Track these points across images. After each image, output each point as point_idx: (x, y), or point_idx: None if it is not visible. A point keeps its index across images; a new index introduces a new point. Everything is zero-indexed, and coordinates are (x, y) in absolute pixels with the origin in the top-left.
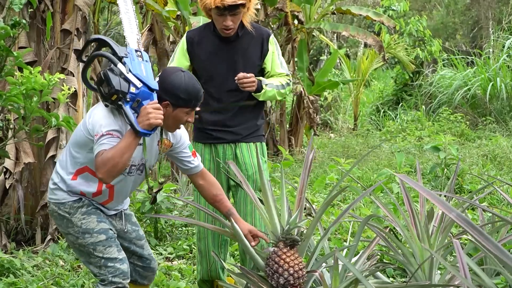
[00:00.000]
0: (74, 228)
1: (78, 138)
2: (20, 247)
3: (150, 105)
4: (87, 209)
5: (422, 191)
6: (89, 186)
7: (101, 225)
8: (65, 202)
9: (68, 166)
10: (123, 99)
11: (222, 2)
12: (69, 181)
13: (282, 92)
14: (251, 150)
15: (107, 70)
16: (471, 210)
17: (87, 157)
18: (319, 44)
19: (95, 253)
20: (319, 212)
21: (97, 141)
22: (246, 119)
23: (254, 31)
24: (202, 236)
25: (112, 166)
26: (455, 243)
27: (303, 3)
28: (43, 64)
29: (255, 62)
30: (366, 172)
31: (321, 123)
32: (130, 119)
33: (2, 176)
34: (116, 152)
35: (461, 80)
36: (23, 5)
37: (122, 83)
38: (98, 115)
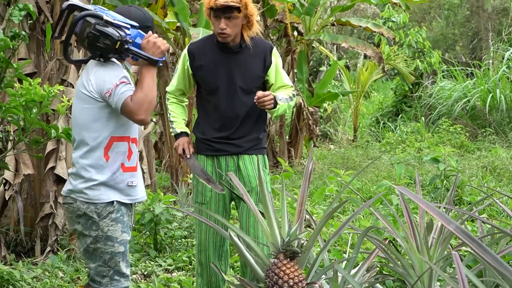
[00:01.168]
0: (98, 232)
1: (89, 115)
2: (20, 258)
3: (151, 37)
4: (116, 216)
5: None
6: (124, 153)
7: (123, 236)
8: (97, 202)
9: (95, 152)
10: (126, 42)
11: (215, 2)
12: (105, 163)
13: (291, 104)
14: (254, 162)
15: (97, 25)
16: (471, 221)
17: (108, 126)
18: (318, 56)
19: (109, 262)
20: (319, 224)
21: (114, 93)
22: (248, 131)
23: (257, 44)
24: (202, 248)
25: (148, 103)
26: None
27: (303, 14)
28: (43, 75)
29: (257, 74)
30: (366, 184)
31: (321, 134)
32: (145, 54)
33: (1, 187)
34: (146, 89)
35: (461, 91)
36: (22, 17)
37: (118, 30)
38: (98, 75)
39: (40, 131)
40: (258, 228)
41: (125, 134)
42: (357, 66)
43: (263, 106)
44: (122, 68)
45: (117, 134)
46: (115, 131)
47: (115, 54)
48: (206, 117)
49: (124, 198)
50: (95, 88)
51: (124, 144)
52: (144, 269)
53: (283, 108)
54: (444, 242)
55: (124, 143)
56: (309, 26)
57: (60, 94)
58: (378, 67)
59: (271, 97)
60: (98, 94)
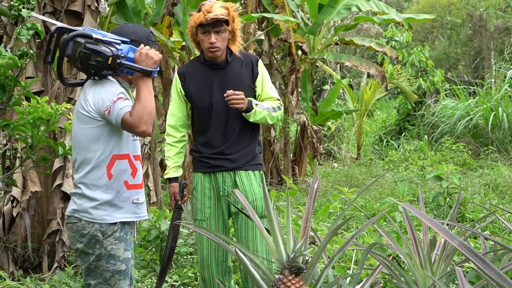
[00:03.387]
0: (101, 251)
1: (89, 136)
2: (27, 274)
3: (143, 50)
4: (120, 234)
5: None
6: (125, 171)
7: (126, 254)
8: (102, 222)
9: (98, 172)
10: (118, 57)
11: (205, 17)
12: (108, 182)
13: (274, 115)
14: (251, 178)
15: (86, 44)
16: (473, 238)
17: (109, 145)
18: (322, 74)
19: (109, 280)
20: (324, 241)
21: (113, 110)
22: (243, 146)
23: (243, 57)
24: (205, 264)
25: (148, 114)
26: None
27: (307, 34)
28: (50, 94)
29: (248, 85)
30: (369, 201)
31: (325, 152)
32: (138, 66)
33: (9, 204)
34: (144, 101)
35: (463, 110)
36: (30, 36)
37: (108, 47)
38: (95, 94)
39: (47, 148)
40: (257, 243)
41: (126, 151)
42: (361, 85)
43: (232, 104)
44: (118, 85)
45: (118, 152)
46: (116, 149)
47: (108, 71)
48: (201, 135)
49: (129, 217)
50: (94, 107)
51: (125, 162)
52: (150, 285)
53: (261, 115)
54: (447, 258)
55: (124, 161)
56: (313, 45)
57: (67, 112)
58: (381, 86)
59: (241, 97)
60: (97, 113)
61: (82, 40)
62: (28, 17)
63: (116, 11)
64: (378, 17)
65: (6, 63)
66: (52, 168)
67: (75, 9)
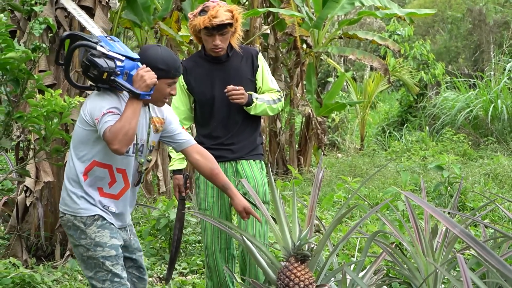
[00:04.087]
0: (87, 240)
1: (80, 135)
2: (40, 262)
3: (140, 70)
4: (102, 223)
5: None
6: (103, 179)
7: (113, 241)
8: (81, 215)
9: (76, 169)
10: (113, 74)
11: (210, 22)
12: (83, 182)
13: (274, 107)
14: (252, 166)
15: (89, 55)
16: (474, 226)
17: (92, 150)
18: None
19: (104, 267)
20: (329, 229)
21: (100, 121)
22: (244, 137)
23: (243, 51)
24: (210, 252)
25: (123, 134)
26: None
27: (312, 28)
28: (63, 87)
29: (248, 78)
30: (373, 191)
31: (329, 143)
32: (128, 87)
33: (23, 194)
34: (124, 121)
35: (464, 102)
36: (43, 30)
37: (108, 61)
38: (92, 102)
39: (60, 140)
40: (256, 228)
41: (109, 162)
42: (364, 78)
43: (232, 99)
44: (116, 99)
45: (99, 160)
46: (98, 156)
47: (104, 84)
48: (203, 127)
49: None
50: (88, 113)
51: (104, 171)
52: (160, 273)
53: (261, 107)
54: (449, 246)
55: (104, 170)
56: (317, 39)
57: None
58: (384, 79)
59: (242, 92)
60: (90, 119)
61: (88, 50)
62: (40, 12)
63: (126, 6)
64: (380, 12)
65: (20, 56)
66: (64, 159)
67: (86, 5)
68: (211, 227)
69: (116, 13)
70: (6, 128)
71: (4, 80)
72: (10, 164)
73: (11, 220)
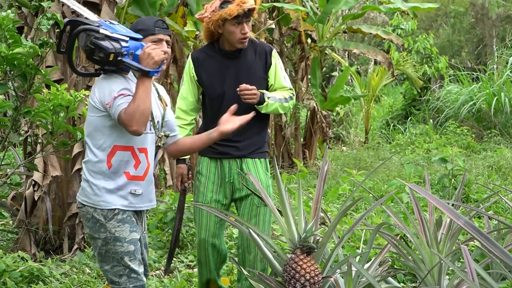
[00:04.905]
0: (106, 234)
1: (93, 124)
2: (49, 255)
3: (147, 48)
4: (122, 217)
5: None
6: (127, 162)
7: (133, 235)
8: (101, 208)
9: (98, 159)
10: (120, 54)
11: (242, 8)
12: (107, 171)
13: (285, 105)
14: (257, 165)
15: (92, 38)
16: (477, 218)
17: (111, 136)
18: (331, 62)
19: (122, 262)
20: (334, 221)
21: (112, 105)
22: (252, 135)
23: (257, 46)
24: (202, 247)
25: (140, 114)
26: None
27: (316, 22)
28: (69, 81)
29: (260, 75)
30: (377, 183)
31: (334, 136)
32: (136, 65)
33: (31, 188)
34: (138, 101)
35: (467, 95)
36: (50, 26)
37: (112, 43)
38: (100, 87)
39: (67, 134)
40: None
41: (129, 143)
42: (368, 72)
43: (244, 99)
44: (123, 80)
45: (120, 143)
46: (118, 140)
47: (111, 66)
48: (210, 121)
49: (125, 205)
50: (98, 99)
51: (127, 153)
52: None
53: (273, 106)
54: (453, 237)
55: (127, 152)
56: (322, 33)
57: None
58: (388, 72)
59: (254, 92)
60: (100, 105)
61: (90, 34)
62: (48, 7)
63: (132, 2)
64: (384, 6)
65: (27, 52)
66: (71, 153)
67: (93, 0)
68: (206, 223)
69: (122, 9)
70: (14, 123)
71: (11, 76)
72: (18, 158)
73: (19, 214)
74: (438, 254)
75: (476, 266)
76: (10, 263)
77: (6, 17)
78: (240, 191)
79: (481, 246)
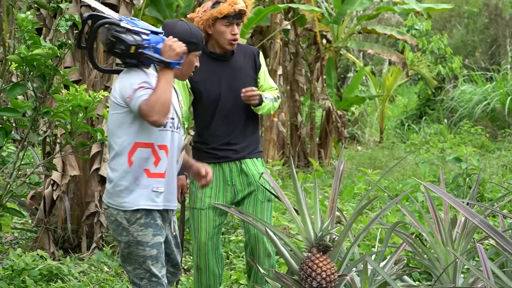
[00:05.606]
0: (129, 237)
1: (115, 121)
2: (67, 254)
3: (168, 41)
4: (145, 221)
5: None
6: (147, 159)
7: (156, 239)
8: (125, 210)
9: (120, 157)
10: (141, 47)
11: (233, 8)
12: (129, 168)
13: (275, 105)
14: (256, 164)
15: (113, 32)
16: (492, 217)
17: (131, 133)
18: (346, 62)
19: (143, 266)
20: (350, 220)
21: (133, 97)
22: (247, 136)
23: (245, 49)
24: (202, 253)
25: (161, 105)
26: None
27: (331, 23)
28: (88, 82)
29: (252, 76)
30: (392, 182)
31: (349, 136)
32: (158, 57)
33: (50, 188)
34: (159, 92)
35: (481, 95)
36: (68, 27)
37: (133, 35)
38: (120, 82)
39: (85, 134)
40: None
41: (150, 140)
42: (383, 72)
43: (248, 101)
44: (144, 74)
45: (140, 140)
46: (139, 137)
47: (132, 59)
48: (206, 125)
49: (148, 205)
50: (119, 94)
51: (147, 150)
52: (184, 264)
53: (267, 107)
54: (468, 236)
55: (147, 149)
56: (337, 34)
57: (104, 99)
58: (402, 72)
59: (257, 93)
60: (121, 99)
61: (111, 28)
62: (66, 9)
63: (150, 3)
64: (398, 7)
65: (46, 53)
66: (90, 153)
67: (111, 2)
68: (206, 228)
69: (140, 10)
70: (33, 123)
71: (31, 76)
72: (37, 158)
73: (38, 213)
74: (453, 252)
75: (491, 265)
76: (29, 262)
77: (26, 19)
78: (242, 191)
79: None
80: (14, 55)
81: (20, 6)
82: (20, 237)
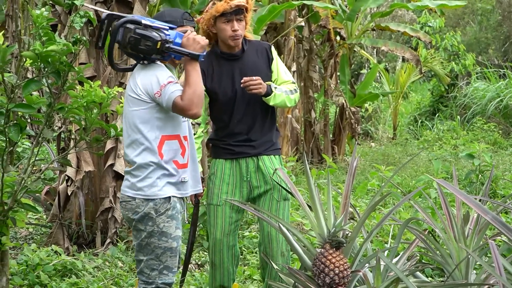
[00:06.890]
0: (154, 227)
1: (140, 117)
2: (82, 249)
3: (190, 34)
4: (172, 213)
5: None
6: (176, 151)
7: (177, 232)
8: (155, 199)
9: (150, 151)
10: (166, 42)
11: (228, 4)
12: (161, 161)
13: (292, 98)
14: (273, 161)
15: (136, 29)
16: (504, 213)
17: (158, 127)
18: (359, 59)
19: (161, 257)
20: (363, 216)
21: (164, 93)
22: (264, 132)
23: (256, 45)
24: (217, 249)
25: (198, 97)
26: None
27: (345, 20)
28: (102, 78)
29: (266, 72)
30: (405, 179)
31: (362, 132)
32: (185, 50)
33: (64, 183)
34: (194, 85)
35: (494, 91)
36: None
37: (157, 32)
38: (144, 78)
39: (100, 130)
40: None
41: (175, 132)
42: (396, 69)
43: (250, 90)
44: (164, 68)
45: (167, 133)
46: (165, 130)
47: (157, 55)
48: (224, 124)
49: (178, 193)
50: (143, 90)
51: (175, 142)
52: (198, 259)
53: (280, 98)
54: (480, 232)
55: (175, 141)
56: (350, 31)
57: (119, 95)
58: (415, 69)
59: (259, 82)
60: (146, 96)
61: (132, 26)
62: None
63: (164, 0)
64: (412, 4)
65: (61, 49)
66: (104, 148)
67: None
68: (221, 224)
69: (154, 7)
70: (48, 119)
71: (46, 73)
72: (52, 154)
73: (53, 208)
74: (466, 248)
75: (503, 261)
76: (43, 257)
77: (40, 15)
78: (258, 189)
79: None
80: (29, 52)
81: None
82: (35, 232)
